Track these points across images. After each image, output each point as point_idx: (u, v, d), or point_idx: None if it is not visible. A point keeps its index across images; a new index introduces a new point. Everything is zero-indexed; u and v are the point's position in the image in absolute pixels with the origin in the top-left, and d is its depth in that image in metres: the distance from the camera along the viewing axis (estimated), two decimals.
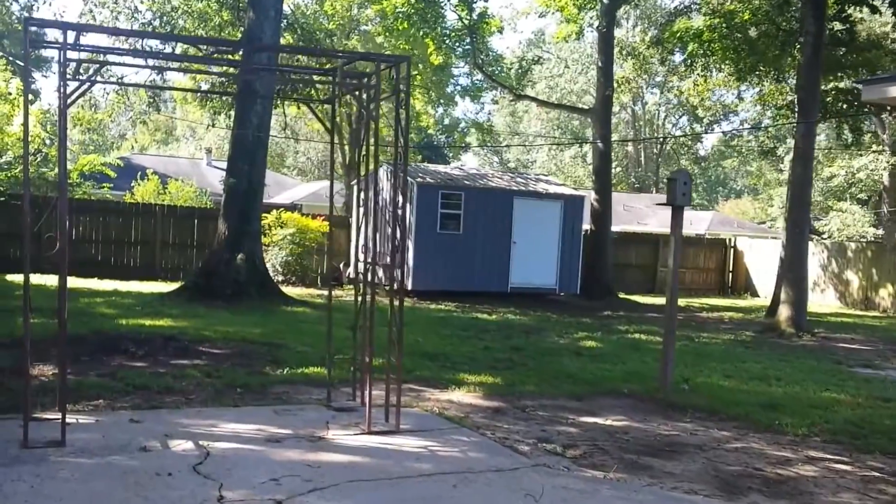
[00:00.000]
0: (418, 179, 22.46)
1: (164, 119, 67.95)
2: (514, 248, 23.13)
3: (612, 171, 67.99)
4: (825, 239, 40.95)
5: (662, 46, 28.09)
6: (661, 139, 66.24)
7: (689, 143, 74.10)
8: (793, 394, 10.05)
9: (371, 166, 7.74)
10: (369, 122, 7.51)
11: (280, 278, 22.65)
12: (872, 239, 42.56)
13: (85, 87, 7.08)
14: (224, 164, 46.71)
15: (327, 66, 11.85)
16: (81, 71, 7.21)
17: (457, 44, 27.05)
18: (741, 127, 56.95)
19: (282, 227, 23.60)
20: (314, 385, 9.18)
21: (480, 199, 22.75)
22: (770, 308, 22.71)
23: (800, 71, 22.64)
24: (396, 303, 7.42)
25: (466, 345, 13.27)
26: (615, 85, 27.50)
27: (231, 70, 10.77)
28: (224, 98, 25.11)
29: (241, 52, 10.55)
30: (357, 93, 7.46)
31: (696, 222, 55.03)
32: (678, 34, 22.51)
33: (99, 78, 8.13)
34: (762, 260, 31.66)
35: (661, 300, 27.32)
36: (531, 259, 23.35)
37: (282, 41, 20.71)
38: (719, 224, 55.64)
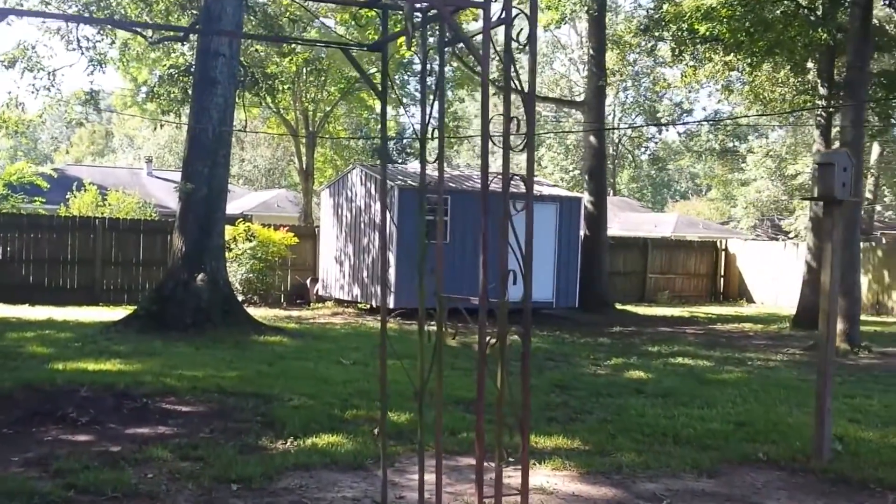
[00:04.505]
0: (398, 182, 19.74)
1: (103, 125, 64.33)
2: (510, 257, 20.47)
3: (570, 172, 66.30)
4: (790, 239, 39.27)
5: (651, 34, 25.76)
6: (658, 125, 63.50)
7: (645, 143, 72.47)
8: None
9: (441, 148, 5.03)
10: (442, 77, 4.86)
11: (240, 298, 19.71)
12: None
13: None
14: (167, 174, 43.97)
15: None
16: None
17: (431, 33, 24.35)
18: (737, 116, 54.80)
19: (250, 241, 20.72)
20: (339, 468, 6.40)
21: (468, 203, 19.98)
22: (796, 319, 20.44)
23: (824, 52, 20.50)
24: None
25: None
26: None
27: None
28: (173, 96, 22.11)
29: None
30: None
31: (661, 225, 53.23)
32: (686, 16, 20.14)
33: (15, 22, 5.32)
34: (756, 263, 29.49)
35: (659, 311, 25.02)
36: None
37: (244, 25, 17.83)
38: (685, 226, 53.74)
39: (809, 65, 22.65)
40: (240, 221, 21.92)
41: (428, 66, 5.69)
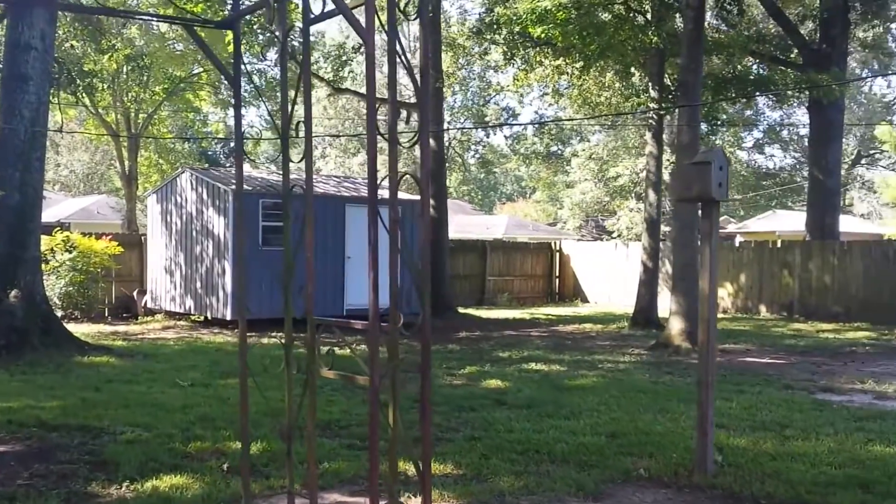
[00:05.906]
0: (232, 186, 18.71)
1: None
2: (349, 264, 19.86)
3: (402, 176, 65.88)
4: (613, 238, 40.43)
5: (482, 37, 25.75)
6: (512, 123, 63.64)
7: (474, 147, 73.09)
8: (847, 455, 7.30)
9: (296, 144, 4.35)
10: (307, 58, 4.22)
11: (60, 314, 18.14)
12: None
13: None
14: None
15: None
16: None
17: (262, 30, 23.22)
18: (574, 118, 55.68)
19: (69, 251, 19.13)
20: None
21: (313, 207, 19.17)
22: (634, 318, 20.73)
23: (654, 56, 20.84)
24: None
25: (350, 400, 9.90)
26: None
27: None
28: None
29: None
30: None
31: (493, 227, 53.86)
32: (521, 18, 20.02)
33: None
34: (589, 263, 29.99)
35: (501, 313, 24.92)
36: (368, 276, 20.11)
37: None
38: (515, 227, 54.57)
39: (634, 70, 23.08)
40: (57, 230, 20.29)
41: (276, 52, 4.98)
